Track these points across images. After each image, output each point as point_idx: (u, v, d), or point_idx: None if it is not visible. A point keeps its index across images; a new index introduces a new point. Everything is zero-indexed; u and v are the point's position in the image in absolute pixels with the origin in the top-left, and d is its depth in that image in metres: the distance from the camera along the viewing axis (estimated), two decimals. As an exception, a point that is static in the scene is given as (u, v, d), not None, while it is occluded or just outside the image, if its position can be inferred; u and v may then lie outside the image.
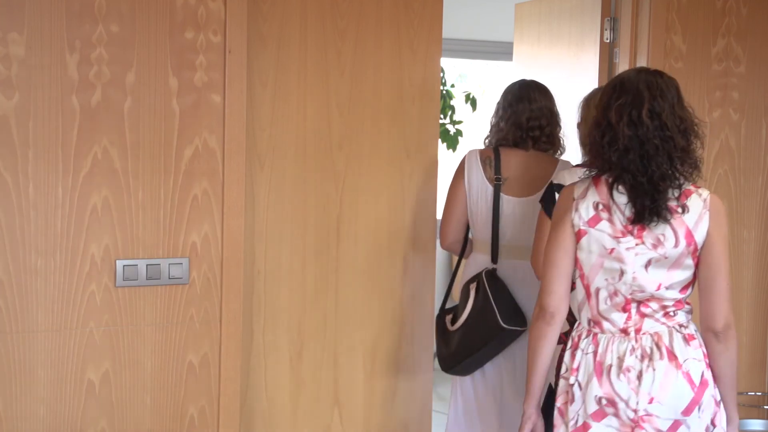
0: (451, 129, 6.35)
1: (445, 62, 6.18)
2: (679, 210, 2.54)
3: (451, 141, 6.32)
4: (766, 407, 4.45)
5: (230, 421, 3.35)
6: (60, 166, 3.08)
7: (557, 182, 3.21)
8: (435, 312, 3.89)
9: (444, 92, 6.28)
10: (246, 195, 3.41)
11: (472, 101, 6.51)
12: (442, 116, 6.26)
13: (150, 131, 3.18)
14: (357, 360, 3.73)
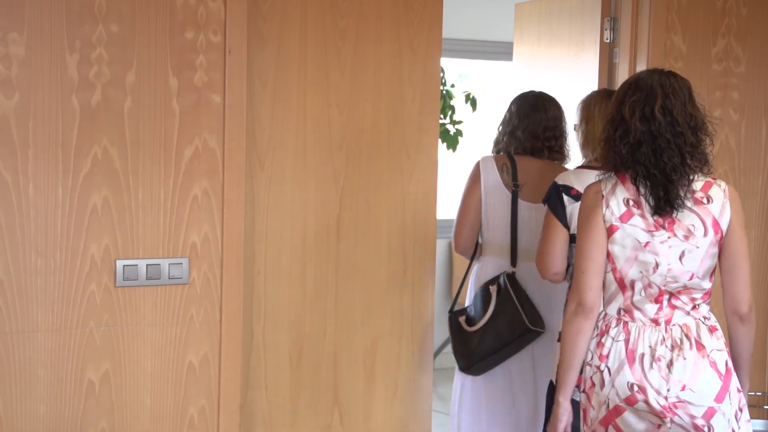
0: (451, 129, 6.34)
1: (445, 62, 6.18)
2: (704, 201, 2.67)
3: (451, 141, 6.32)
4: (766, 407, 4.45)
5: (230, 421, 3.35)
6: (60, 166, 3.08)
7: (562, 183, 3.27)
8: (435, 312, 3.90)
9: (444, 92, 6.28)
10: (246, 195, 3.41)
11: (472, 101, 6.50)
12: (442, 116, 6.26)
13: (150, 131, 3.18)
14: (357, 360, 3.73)
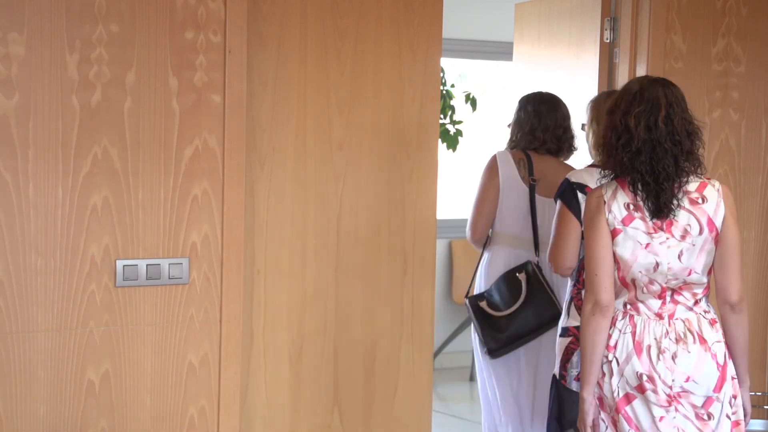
0: (451, 129, 6.34)
1: (445, 62, 6.17)
2: (700, 201, 2.85)
3: (451, 141, 6.32)
4: (766, 407, 4.45)
5: (230, 421, 3.35)
6: (60, 166, 3.08)
7: (576, 181, 3.38)
8: (435, 312, 3.90)
9: (444, 92, 6.27)
10: (246, 195, 3.41)
11: (472, 101, 6.50)
12: (442, 116, 6.26)
13: (150, 131, 3.18)
14: (357, 360, 3.73)
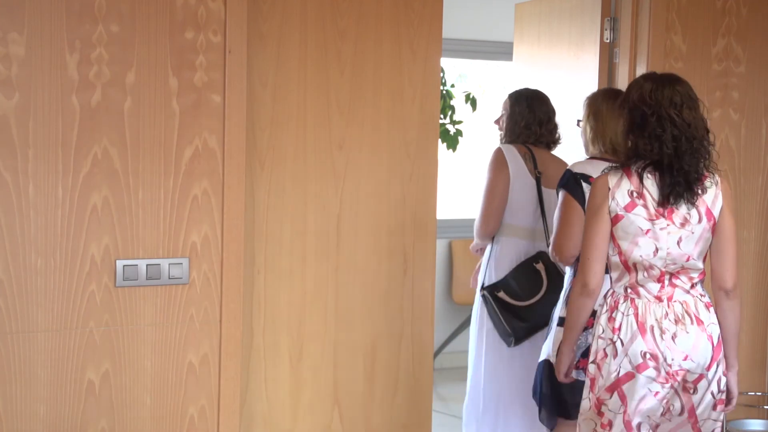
0: (451, 129, 6.34)
1: (445, 62, 6.17)
2: (699, 192, 3.01)
3: (451, 141, 6.31)
4: (766, 407, 4.45)
5: (230, 421, 3.35)
6: (60, 166, 3.08)
7: (579, 171, 3.46)
8: (435, 312, 3.91)
9: (444, 92, 6.27)
10: (246, 195, 3.41)
11: (472, 101, 6.50)
12: (442, 116, 6.26)
13: (150, 131, 3.18)
14: (357, 360, 3.73)
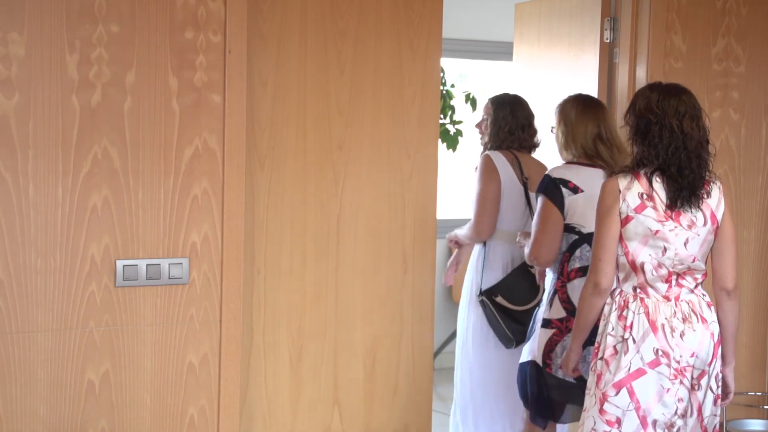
0: (451, 129, 6.34)
1: (445, 62, 6.17)
2: (704, 196, 3.16)
3: (451, 141, 6.31)
4: (766, 407, 4.45)
5: (230, 421, 3.35)
6: (60, 166, 3.08)
7: (558, 177, 3.56)
8: (435, 312, 3.91)
9: (444, 92, 6.27)
10: (246, 195, 3.41)
11: (472, 101, 6.50)
12: (442, 116, 6.26)
13: (150, 131, 3.18)
14: (357, 360, 3.73)
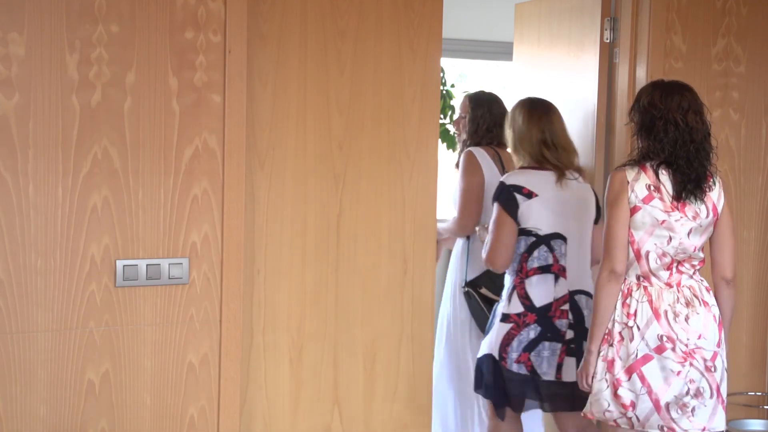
0: (452, 129, 6.34)
1: (445, 62, 6.17)
2: (707, 189, 3.32)
3: (451, 141, 6.30)
4: (766, 407, 4.46)
5: (230, 421, 3.35)
6: (60, 166, 3.08)
7: (512, 183, 3.76)
8: (435, 311, 3.91)
9: (444, 92, 6.27)
10: (246, 195, 3.41)
11: (472, 101, 6.49)
12: (442, 116, 6.26)
13: (150, 131, 3.18)
14: (357, 360, 3.73)
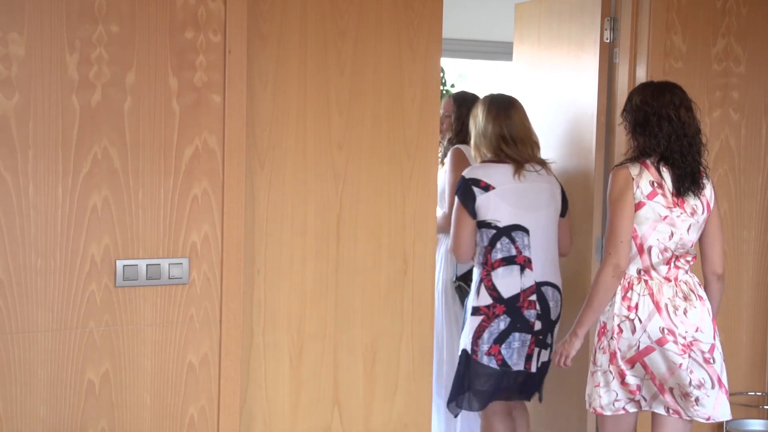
0: (451, 129, 6.34)
1: (445, 62, 6.18)
2: (702, 186, 3.44)
3: (451, 141, 6.31)
4: (766, 407, 4.46)
5: (230, 421, 3.35)
6: (60, 166, 3.08)
7: (471, 177, 3.94)
8: (435, 312, 3.91)
9: (444, 92, 6.28)
10: (246, 195, 3.41)
11: (472, 101, 6.49)
12: (442, 116, 6.25)
13: (150, 131, 3.18)
14: (357, 360, 3.73)
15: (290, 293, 3.61)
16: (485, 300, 3.88)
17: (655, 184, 3.37)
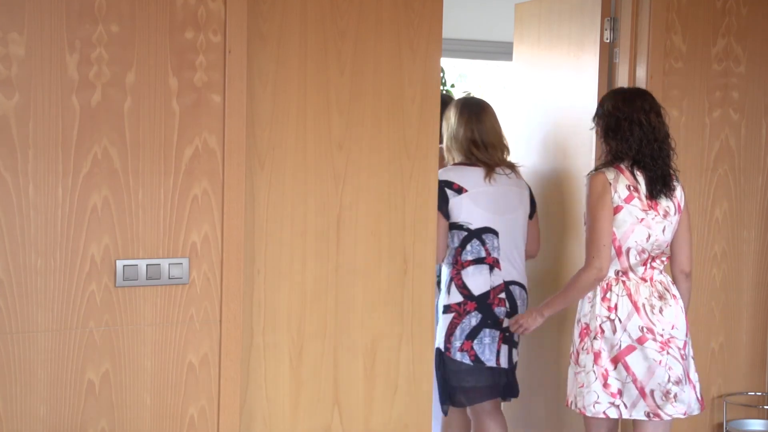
0: (451, 129, 6.33)
1: (445, 62, 6.18)
2: (673, 188, 3.57)
3: (451, 141, 6.31)
4: (766, 407, 4.45)
5: (230, 421, 3.35)
6: (60, 166, 3.08)
7: (444, 179, 4.00)
8: (435, 311, 3.91)
9: (444, 92, 6.28)
10: (246, 195, 3.41)
11: (472, 101, 6.49)
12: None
13: (150, 131, 3.18)
14: (357, 360, 3.73)
15: (290, 293, 3.61)
16: (456, 298, 4.01)
17: (631, 188, 3.48)
